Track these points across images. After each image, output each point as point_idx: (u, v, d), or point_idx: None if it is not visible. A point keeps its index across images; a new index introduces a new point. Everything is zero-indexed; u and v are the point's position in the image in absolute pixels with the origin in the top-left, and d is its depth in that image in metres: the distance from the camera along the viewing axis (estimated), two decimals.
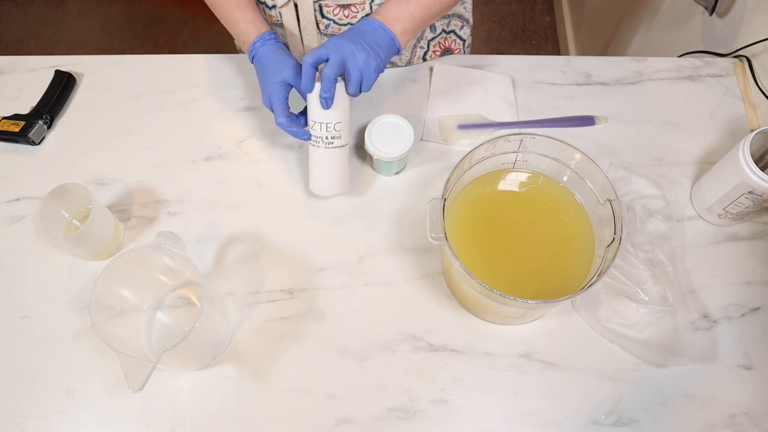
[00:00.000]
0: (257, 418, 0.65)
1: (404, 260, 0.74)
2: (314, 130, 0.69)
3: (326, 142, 0.69)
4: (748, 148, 0.67)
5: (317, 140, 0.69)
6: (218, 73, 0.90)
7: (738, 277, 0.72)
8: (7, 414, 0.66)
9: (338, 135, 0.69)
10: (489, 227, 0.69)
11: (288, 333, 0.70)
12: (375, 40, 0.67)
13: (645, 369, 0.67)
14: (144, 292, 0.70)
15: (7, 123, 0.83)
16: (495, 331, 0.70)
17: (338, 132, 0.69)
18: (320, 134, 0.69)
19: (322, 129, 0.68)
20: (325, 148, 0.70)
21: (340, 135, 0.69)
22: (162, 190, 0.80)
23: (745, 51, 0.87)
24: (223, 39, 2.09)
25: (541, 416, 0.65)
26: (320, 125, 0.68)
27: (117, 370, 0.59)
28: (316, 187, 0.74)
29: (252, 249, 0.75)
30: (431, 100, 0.86)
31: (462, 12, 0.91)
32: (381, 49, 0.67)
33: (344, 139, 0.70)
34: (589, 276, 0.64)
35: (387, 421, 0.65)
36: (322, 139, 0.69)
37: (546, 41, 2.09)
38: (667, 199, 0.77)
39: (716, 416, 0.65)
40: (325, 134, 0.68)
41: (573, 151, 0.65)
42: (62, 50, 2.11)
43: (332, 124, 0.68)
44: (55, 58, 0.91)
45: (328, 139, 0.69)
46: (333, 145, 0.70)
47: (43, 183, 0.76)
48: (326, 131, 0.68)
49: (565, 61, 0.90)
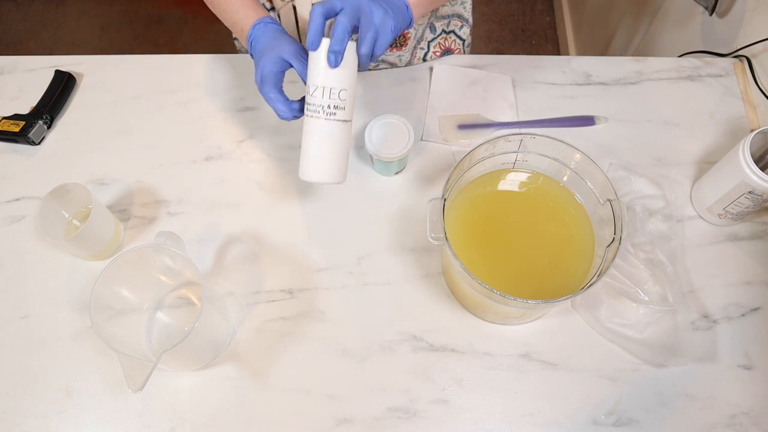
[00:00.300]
0: (257, 418, 0.65)
1: (404, 260, 0.74)
2: (314, 97, 0.59)
3: (327, 112, 0.59)
4: (748, 148, 0.67)
5: (316, 110, 0.59)
6: (218, 73, 0.90)
7: (738, 277, 0.72)
8: (7, 414, 0.66)
9: (342, 106, 0.59)
10: (489, 227, 0.69)
11: (288, 333, 0.70)
12: (389, 2, 0.61)
13: (645, 369, 0.67)
14: (144, 292, 0.70)
15: (7, 123, 0.83)
16: (495, 331, 0.70)
17: (342, 102, 0.59)
18: (321, 102, 0.58)
19: (324, 95, 0.58)
20: (325, 119, 0.59)
21: (344, 107, 0.60)
22: (162, 190, 0.80)
23: (745, 51, 0.87)
24: (223, 39, 2.11)
25: (541, 416, 0.65)
26: (322, 90, 0.58)
27: (117, 370, 0.59)
28: (308, 172, 0.62)
29: (252, 249, 0.75)
30: (431, 100, 0.86)
31: (461, 12, 0.91)
32: (396, 12, 0.61)
33: (348, 114, 0.60)
34: (589, 276, 0.64)
35: (387, 421, 0.65)
36: (322, 109, 0.59)
37: (546, 41, 2.09)
38: (667, 199, 0.77)
39: (716, 416, 0.65)
40: (328, 102, 0.58)
41: (573, 151, 0.65)
42: (62, 50, 2.11)
43: (336, 90, 0.58)
44: (55, 58, 0.92)
45: (330, 108, 0.59)
46: (335, 117, 0.59)
47: (43, 183, 0.76)
48: (329, 98, 0.58)
49: (565, 61, 0.90)
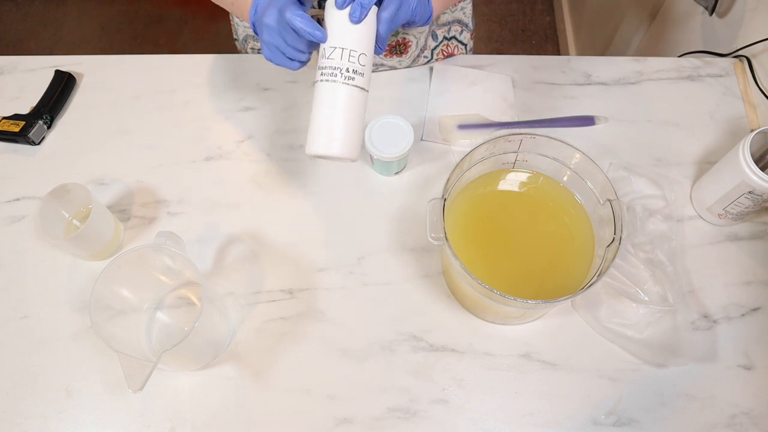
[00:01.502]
0: (257, 418, 0.65)
1: (404, 260, 0.74)
2: (331, 59, 0.55)
3: (346, 75, 0.55)
4: (748, 148, 0.67)
5: (333, 73, 0.55)
6: (218, 73, 0.90)
7: (738, 277, 0.72)
8: (7, 414, 0.66)
9: (361, 71, 0.56)
10: (489, 227, 0.69)
11: (288, 333, 0.70)
12: None
13: (645, 369, 0.67)
14: (144, 292, 0.70)
15: (7, 123, 0.83)
16: (495, 331, 0.70)
17: (362, 67, 0.56)
18: (339, 64, 0.55)
19: (344, 57, 0.54)
20: (343, 82, 0.55)
21: (363, 73, 0.56)
22: (162, 190, 0.80)
23: (745, 51, 0.87)
24: (223, 39, 2.11)
25: (541, 416, 0.65)
26: (341, 52, 0.54)
27: (117, 370, 0.59)
28: (318, 143, 0.57)
29: (252, 249, 0.75)
30: (431, 100, 0.86)
31: (461, 17, 0.91)
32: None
33: (365, 82, 0.57)
34: (589, 276, 0.64)
35: (387, 421, 0.65)
36: (340, 72, 0.55)
37: (546, 41, 2.09)
38: (667, 199, 0.77)
39: (716, 416, 0.65)
40: (347, 65, 0.55)
41: (573, 151, 0.65)
42: (62, 50, 2.11)
43: (357, 53, 0.55)
44: (55, 58, 0.92)
45: (349, 72, 0.55)
46: (353, 82, 0.55)
47: (43, 183, 0.76)
48: (348, 60, 0.54)
49: (565, 61, 0.90)
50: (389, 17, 0.57)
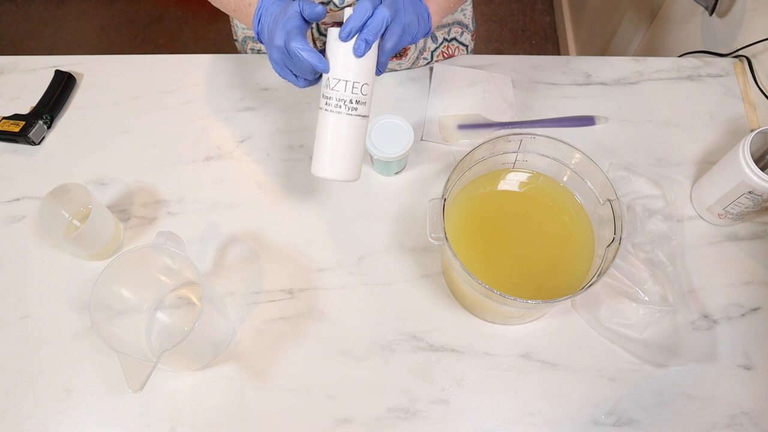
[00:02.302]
0: (257, 418, 0.65)
1: (404, 260, 0.74)
2: (335, 90, 0.58)
3: (349, 107, 0.58)
4: (748, 148, 0.67)
5: (338, 104, 0.58)
6: (218, 73, 0.90)
7: (738, 277, 0.72)
8: (7, 414, 0.66)
9: (363, 101, 0.59)
10: (489, 227, 0.69)
11: (288, 333, 0.70)
12: (418, 9, 0.61)
13: (645, 369, 0.67)
14: (144, 292, 0.70)
15: (7, 123, 0.83)
16: (495, 331, 0.70)
17: (364, 97, 0.58)
18: (343, 96, 0.57)
19: (347, 89, 0.57)
20: (347, 114, 0.58)
21: (365, 102, 0.59)
22: (162, 190, 0.80)
23: (745, 51, 0.87)
24: (223, 39, 2.11)
25: (541, 416, 0.65)
26: (345, 84, 0.57)
27: (117, 370, 0.59)
28: (324, 168, 0.60)
29: (252, 249, 0.75)
30: (431, 100, 0.86)
31: (461, 19, 0.91)
32: (420, 18, 0.61)
33: (367, 109, 0.60)
34: (589, 276, 0.64)
35: (387, 421, 0.65)
36: (344, 103, 0.58)
37: (546, 41, 2.09)
38: (667, 199, 0.77)
39: (716, 416, 0.65)
40: (351, 96, 0.57)
41: (573, 151, 0.65)
42: (62, 50, 2.11)
43: (360, 84, 0.57)
44: (55, 58, 0.92)
45: (353, 103, 0.58)
46: (356, 113, 0.59)
47: (43, 183, 0.76)
48: (351, 92, 0.57)
49: (565, 61, 0.90)
50: (392, 48, 0.58)
